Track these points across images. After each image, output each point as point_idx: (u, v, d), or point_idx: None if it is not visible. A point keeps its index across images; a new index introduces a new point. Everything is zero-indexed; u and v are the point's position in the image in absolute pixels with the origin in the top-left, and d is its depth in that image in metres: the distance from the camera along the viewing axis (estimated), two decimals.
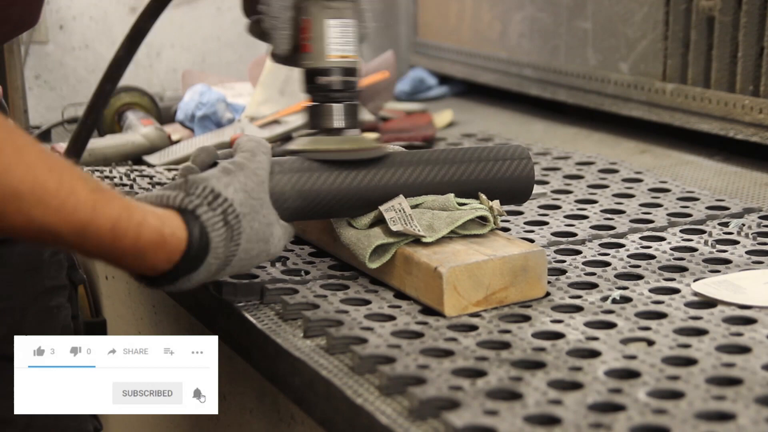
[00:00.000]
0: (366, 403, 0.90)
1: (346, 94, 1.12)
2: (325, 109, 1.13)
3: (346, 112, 1.13)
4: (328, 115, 1.13)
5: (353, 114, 1.13)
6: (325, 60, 1.11)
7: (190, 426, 1.53)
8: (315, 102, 1.14)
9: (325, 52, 1.11)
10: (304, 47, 1.12)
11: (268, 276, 1.16)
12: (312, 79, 1.13)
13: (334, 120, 1.13)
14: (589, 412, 0.85)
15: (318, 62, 1.12)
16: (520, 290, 1.07)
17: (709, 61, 1.67)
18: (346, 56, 1.12)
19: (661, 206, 1.39)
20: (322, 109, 1.13)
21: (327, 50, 1.11)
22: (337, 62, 1.12)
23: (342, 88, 1.12)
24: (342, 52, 1.11)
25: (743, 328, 1.00)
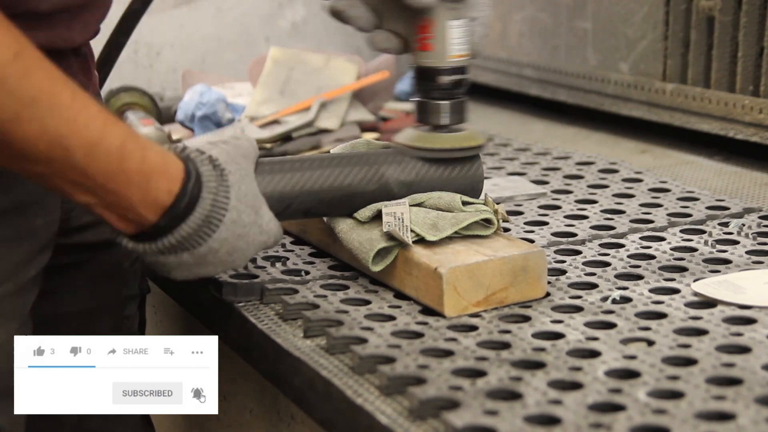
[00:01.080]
0: (366, 403, 0.90)
1: (458, 91, 1.16)
2: (438, 106, 1.16)
3: (457, 109, 1.16)
4: (440, 112, 1.16)
5: (461, 110, 1.17)
6: (446, 60, 1.14)
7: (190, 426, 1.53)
8: (428, 99, 1.16)
9: (446, 52, 1.14)
10: (424, 46, 1.14)
11: (268, 276, 1.16)
12: (429, 78, 1.15)
13: (444, 117, 1.16)
14: (589, 412, 0.85)
15: (439, 62, 1.14)
16: (520, 290, 1.07)
17: (709, 61, 1.67)
18: (462, 55, 1.15)
19: (661, 206, 1.39)
20: (435, 106, 1.16)
21: (448, 51, 1.14)
22: (456, 62, 1.15)
23: (456, 86, 1.15)
24: (459, 51, 1.14)
25: (743, 328, 1.00)
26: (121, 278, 1.29)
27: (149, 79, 2.26)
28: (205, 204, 0.98)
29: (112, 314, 1.29)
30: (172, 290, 1.35)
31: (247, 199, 1.02)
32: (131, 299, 1.31)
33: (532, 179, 1.55)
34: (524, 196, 1.46)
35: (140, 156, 0.94)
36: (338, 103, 1.78)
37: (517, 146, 1.78)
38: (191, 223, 0.97)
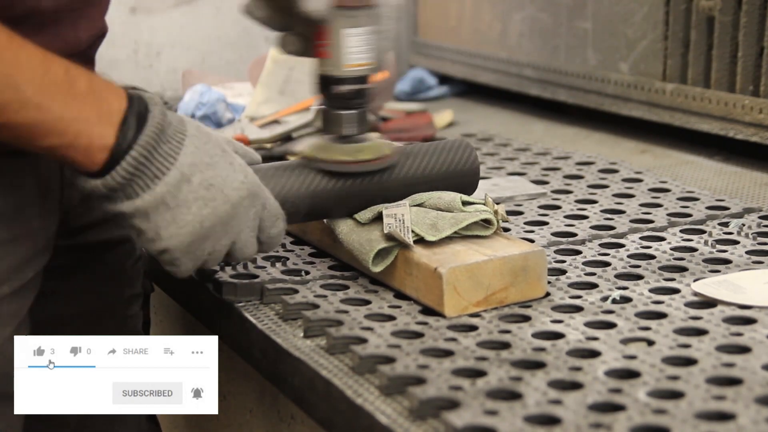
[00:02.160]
0: (366, 403, 0.90)
1: (359, 101, 1.13)
2: (338, 116, 1.14)
3: (357, 119, 1.14)
4: (340, 122, 1.14)
5: (364, 120, 1.14)
6: (342, 69, 1.12)
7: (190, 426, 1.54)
8: (328, 107, 1.14)
9: (342, 61, 1.11)
10: (320, 53, 1.12)
11: (268, 276, 1.16)
12: (327, 86, 1.13)
13: (345, 127, 1.13)
14: (589, 412, 0.85)
15: (335, 71, 1.12)
16: (520, 290, 1.07)
17: (709, 61, 1.67)
18: (361, 64, 1.12)
19: (661, 206, 1.39)
20: (335, 116, 1.14)
21: (344, 59, 1.11)
22: (354, 71, 1.12)
23: (356, 96, 1.13)
24: (358, 61, 1.12)
25: (743, 328, 1.00)
26: (124, 278, 1.29)
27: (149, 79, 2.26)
28: (154, 115, 0.97)
29: (115, 314, 1.29)
30: (172, 290, 1.35)
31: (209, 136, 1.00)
32: (134, 299, 1.31)
33: (532, 179, 1.55)
34: (524, 196, 1.46)
35: (86, 78, 0.95)
36: None
37: (517, 146, 1.78)
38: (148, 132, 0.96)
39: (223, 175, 0.99)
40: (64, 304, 1.23)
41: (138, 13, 2.24)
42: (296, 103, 1.79)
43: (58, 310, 1.22)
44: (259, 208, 1.04)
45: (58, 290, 1.21)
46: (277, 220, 1.06)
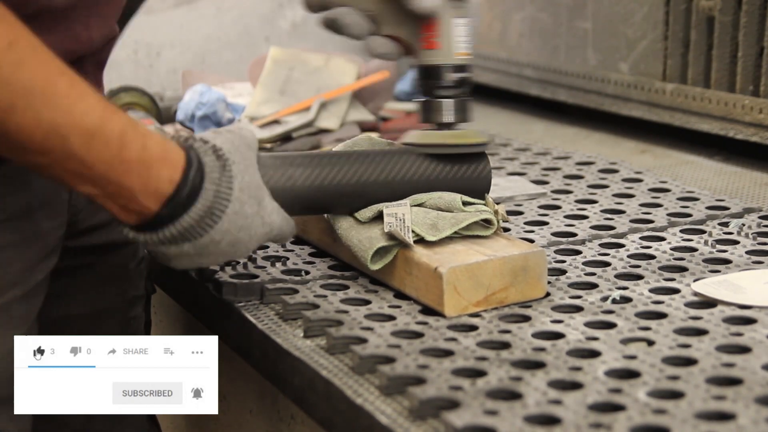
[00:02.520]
0: (366, 403, 0.90)
1: (463, 89, 1.17)
2: (441, 104, 1.17)
3: (461, 107, 1.17)
4: (443, 110, 1.17)
5: (466, 108, 1.18)
6: (453, 57, 1.15)
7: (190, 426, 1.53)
8: (433, 97, 1.17)
9: (453, 49, 1.15)
10: (430, 44, 1.15)
11: (268, 276, 1.16)
12: (435, 76, 1.16)
13: (447, 115, 1.17)
14: (589, 412, 0.85)
15: (446, 59, 1.15)
16: (520, 290, 1.07)
17: (709, 61, 1.67)
18: (466, 54, 1.16)
19: (661, 206, 1.39)
20: (438, 105, 1.17)
21: (455, 48, 1.15)
22: (461, 59, 1.16)
23: (461, 84, 1.16)
24: (465, 50, 1.15)
25: (743, 328, 1.00)
26: (127, 279, 1.29)
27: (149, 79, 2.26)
28: (207, 195, 0.96)
29: (118, 315, 1.29)
30: (172, 290, 1.35)
31: (250, 190, 1.00)
32: (137, 300, 1.31)
33: (532, 179, 1.55)
34: (524, 196, 1.46)
35: (140, 145, 0.92)
36: (338, 103, 1.78)
37: (517, 146, 1.78)
38: (193, 214, 0.96)
39: (251, 234, 1.01)
40: (69, 306, 1.23)
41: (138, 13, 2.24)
42: (296, 103, 1.79)
43: (64, 312, 1.22)
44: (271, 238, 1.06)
45: (63, 291, 1.21)
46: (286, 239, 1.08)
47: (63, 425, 1.21)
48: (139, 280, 1.31)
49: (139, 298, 1.31)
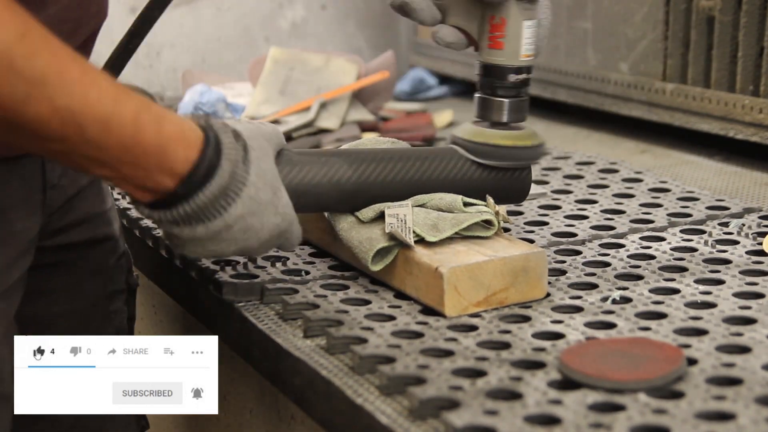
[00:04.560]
0: (366, 403, 0.90)
1: (524, 90, 1.19)
2: (500, 103, 1.18)
3: (519, 107, 1.19)
4: (501, 110, 1.18)
5: (523, 109, 1.20)
6: (518, 59, 1.16)
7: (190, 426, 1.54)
8: (491, 96, 1.18)
9: (519, 51, 1.16)
10: (496, 44, 1.16)
11: (268, 276, 1.16)
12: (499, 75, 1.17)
13: (507, 115, 1.19)
14: (589, 412, 0.85)
15: (511, 60, 1.16)
16: (521, 291, 1.07)
17: (709, 61, 1.67)
18: (531, 55, 1.17)
19: (661, 206, 1.39)
20: (497, 104, 1.18)
21: (521, 50, 1.16)
22: (526, 61, 1.17)
23: (523, 85, 1.18)
24: (529, 52, 1.17)
25: (743, 328, 1.00)
26: (106, 274, 1.29)
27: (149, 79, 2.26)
28: (223, 173, 0.96)
29: (99, 311, 1.29)
30: (172, 290, 1.35)
31: (266, 177, 1.00)
32: (117, 294, 1.31)
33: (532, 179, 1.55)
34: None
35: (156, 126, 0.93)
36: (338, 103, 1.78)
37: None
38: (208, 192, 0.95)
39: (263, 222, 1.00)
40: (51, 303, 1.24)
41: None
42: (296, 103, 1.79)
43: (44, 309, 1.23)
44: (282, 240, 1.06)
45: (44, 289, 1.22)
46: (293, 245, 1.08)
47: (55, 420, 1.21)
48: (120, 275, 1.31)
49: (120, 292, 1.31)
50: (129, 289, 1.33)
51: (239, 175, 0.97)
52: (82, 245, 1.25)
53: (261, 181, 0.99)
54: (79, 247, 1.25)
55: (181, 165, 0.94)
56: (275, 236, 1.03)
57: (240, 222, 0.98)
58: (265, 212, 1.00)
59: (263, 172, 1.00)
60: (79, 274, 1.26)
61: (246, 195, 0.98)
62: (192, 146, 0.95)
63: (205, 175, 0.95)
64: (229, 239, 0.99)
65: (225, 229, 0.98)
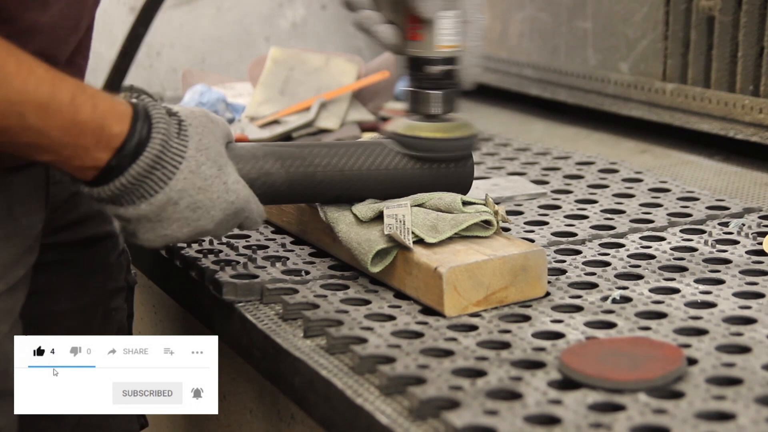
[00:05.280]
0: (366, 403, 0.90)
1: (448, 81, 1.16)
2: (427, 96, 1.17)
3: (445, 99, 1.17)
4: (429, 102, 1.17)
5: (452, 101, 1.17)
6: (434, 50, 1.15)
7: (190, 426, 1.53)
8: (418, 88, 1.17)
9: (435, 42, 1.15)
10: (413, 36, 1.15)
11: (268, 276, 1.16)
12: (418, 67, 1.16)
13: (434, 107, 1.17)
14: (589, 412, 0.85)
15: (427, 52, 1.15)
16: (520, 290, 1.07)
17: (709, 61, 1.67)
18: (452, 46, 1.15)
19: (661, 206, 1.39)
20: (424, 96, 1.17)
21: (438, 40, 1.15)
22: (445, 52, 1.15)
23: (445, 76, 1.16)
24: (449, 42, 1.15)
25: (743, 328, 1.00)
26: (107, 272, 1.30)
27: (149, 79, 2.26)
28: (154, 144, 0.98)
29: (99, 308, 1.29)
30: (172, 291, 1.35)
31: (208, 153, 1.01)
32: (118, 292, 1.31)
33: (532, 179, 1.55)
34: (524, 196, 1.46)
35: (91, 105, 0.95)
36: (338, 103, 1.78)
37: (517, 146, 1.78)
38: (142, 163, 0.97)
39: (213, 198, 1.01)
40: (55, 300, 1.24)
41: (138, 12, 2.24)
42: (296, 103, 1.79)
43: (49, 308, 1.23)
44: (240, 220, 1.06)
45: (47, 288, 1.22)
46: (256, 223, 1.08)
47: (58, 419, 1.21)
48: (120, 273, 1.32)
49: (120, 290, 1.32)
50: (128, 287, 1.34)
51: (174, 148, 0.99)
52: (83, 243, 1.26)
53: (202, 156, 1.00)
54: (80, 244, 1.26)
55: (115, 139, 0.97)
56: (231, 215, 1.04)
57: (185, 198, 0.99)
58: (213, 188, 1.01)
59: (205, 147, 1.01)
60: (81, 271, 1.27)
61: (186, 168, 0.99)
62: (124, 120, 0.98)
63: (137, 145, 0.97)
64: (179, 219, 1.00)
65: (170, 204, 0.99)
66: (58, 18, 1.04)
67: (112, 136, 0.97)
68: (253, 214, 1.07)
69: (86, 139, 0.95)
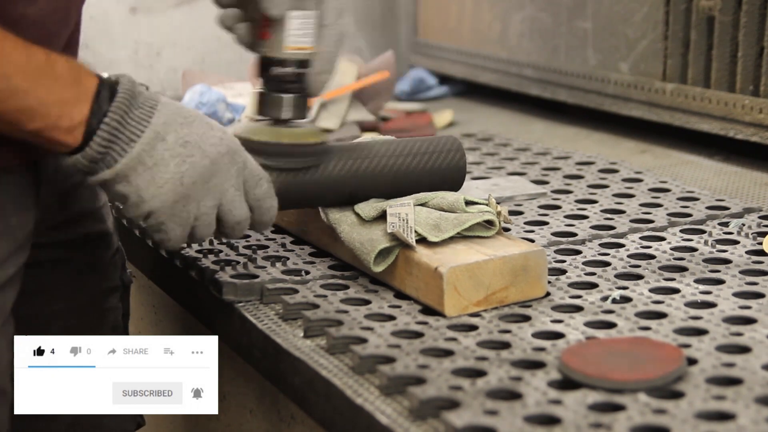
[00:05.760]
0: (366, 403, 0.90)
1: (297, 85, 1.13)
2: (275, 99, 1.13)
3: (295, 103, 1.13)
4: (277, 106, 1.13)
5: (302, 106, 1.14)
6: (281, 51, 1.12)
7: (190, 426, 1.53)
8: (266, 90, 1.14)
9: (283, 43, 1.12)
10: (262, 34, 1.13)
11: (268, 276, 1.16)
12: (267, 68, 1.13)
13: (283, 111, 1.13)
14: (589, 412, 0.85)
15: (274, 52, 1.12)
16: (521, 290, 1.07)
17: (709, 61, 1.67)
18: (302, 48, 1.12)
19: (661, 206, 1.39)
20: (272, 99, 1.13)
21: (285, 41, 1.12)
22: (293, 54, 1.12)
23: (295, 79, 1.13)
24: (299, 44, 1.12)
25: (743, 328, 1.00)
26: (101, 271, 1.30)
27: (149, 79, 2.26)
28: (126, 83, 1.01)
29: (95, 308, 1.29)
30: (172, 290, 1.35)
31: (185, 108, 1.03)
32: (112, 291, 1.31)
33: (532, 179, 1.55)
34: (524, 196, 1.46)
35: (65, 61, 1.00)
36: (338, 103, 1.78)
37: (517, 146, 1.78)
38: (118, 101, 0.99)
39: (199, 132, 1.02)
40: (49, 301, 1.24)
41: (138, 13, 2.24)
42: None
43: (43, 308, 1.23)
44: (240, 166, 1.05)
45: (41, 288, 1.22)
46: (260, 180, 1.07)
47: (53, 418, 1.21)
48: (114, 272, 1.31)
49: (115, 289, 1.32)
50: (123, 286, 1.34)
51: (146, 94, 1.02)
52: (77, 242, 1.26)
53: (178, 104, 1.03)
54: (74, 243, 1.25)
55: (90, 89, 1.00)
56: (225, 155, 1.03)
57: (171, 132, 1.01)
58: (197, 123, 1.03)
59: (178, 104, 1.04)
60: (76, 271, 1.27)
61: (163, 108, 1.01)
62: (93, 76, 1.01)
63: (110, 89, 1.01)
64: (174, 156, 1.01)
65: (158, 140, 1.01)
66: (46, 11, 1.04)
67: (87, 88, 1.00)
68: (251, 164, 1.06)
69: (68, 93, 0.98)
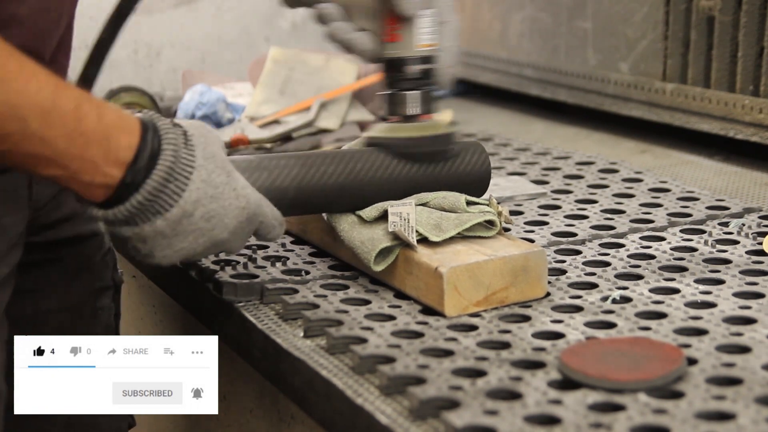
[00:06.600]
0: (366, 403, 0.90)
1: (425, 81, 1.17)
2: (409, 97, 1.16)
3: (424, 98, 1.17)
4: (412, 103, 1.17)
5: (431, 100, 1.18)
6: (414, 49, 1.15)
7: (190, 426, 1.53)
8: (396, 90, 1.17)
9: (415, 41, 1.15)
10: (393, 37, 1.15)
11: (268, 276, 1.16)
12: (397, 68, 1.16)
13: (419, 107, 1.17)
14: (589, 412, 0.85)
15: (407, 52, 1.15)
16: (521, 290, 1.07)
17: (709, 61, 1.67)
18: (431, 45, 1.15)
19: (661, 206, 1.39)
20: (405, 97, 1.16)
21: (418, 40, 1.15)
22: (425, 51, 1.15)
23: (422, 76, 1.16)
24: (428, 41, 1.15)
25: (743, 328, 1.00)
26: (93, 271, 1.30)
27: (149, 79, 2.26)
28: (167, 155, 0.95)
29: (87, 308, 1.29)
30: (172, 290, 1.35)
31: (215, 160, 0.99)
32: (104, 291, 1.31)
33: (532, 179, 1.55)
34: (524, 196, 1.46)
35: (96, 115, 0.92)
36: (338, 103, 1.78)
37: (517, 146, 1.78)
38: (156, 176, 0.94)
39: (225, 206, 0.99)
40: (41, 301, 1.24)
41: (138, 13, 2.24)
42: (296, 103, 1.79)
43: (35, 307, 1.23)
44: (256, 225, 1.04)
45: (33, 287, 1.22)
46: (274, 228, 1.06)
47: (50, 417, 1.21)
48: (106, 271, 1.31)
49: (106, 288, 1.31)
50: (115, 286, 1.33)
51: (184, 158, 0.96)
52: (69, 242, 1.26)
53: (211, 164, 0.98)
54: (66, 243, 1.25)
55: (125, 152, 0.94)
56: (244, 222, 1.01)
57: (199, 208, 0.97)
58: (224, 196, 0.99)
59: (212, 155, 0.99)
60: (67, 270, 1.26)
61: (197, 177, 0.96)
62: (132, 132, 0.95)
63: (149, 158, 0.94)
64: (195, 230, 0.97)
65: (185, 217, 0.96)
66: (36, 10, 1.03)
67: (121, 149, 0.93)
68: (267, 218, 1.05)
69: (93, 151, 0.92)
